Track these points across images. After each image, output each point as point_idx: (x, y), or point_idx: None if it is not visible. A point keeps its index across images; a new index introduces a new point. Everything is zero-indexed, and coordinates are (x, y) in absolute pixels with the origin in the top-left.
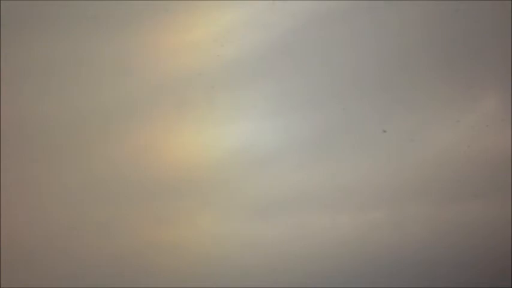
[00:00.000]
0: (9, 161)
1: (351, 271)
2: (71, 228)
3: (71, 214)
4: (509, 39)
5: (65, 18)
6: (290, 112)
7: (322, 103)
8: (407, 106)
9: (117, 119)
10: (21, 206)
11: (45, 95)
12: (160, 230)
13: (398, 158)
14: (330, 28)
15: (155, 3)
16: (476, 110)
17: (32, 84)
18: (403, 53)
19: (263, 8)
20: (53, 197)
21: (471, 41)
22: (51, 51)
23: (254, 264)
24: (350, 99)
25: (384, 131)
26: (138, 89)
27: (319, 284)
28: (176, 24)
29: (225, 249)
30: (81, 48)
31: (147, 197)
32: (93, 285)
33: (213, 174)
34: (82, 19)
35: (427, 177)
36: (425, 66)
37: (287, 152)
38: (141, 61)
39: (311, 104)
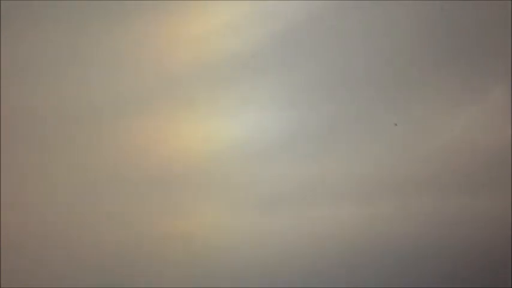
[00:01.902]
0: (8, 156)
1: (358, 261)
2: (76, 221)
3: (75, 208)
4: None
5: (65, 11)
6: (295, 104)
7: (326, 96)
8: (416, 99)
9: (122, 112)
10: (19, 202)
11: (46, 89)
12: (164, 222)
13: (405, 151)
14: (338, 20)
15: None
16: (484, 103)
17: (30, 79)
18: (413, 49)
19: (269, 2)
20: (56, 192)
21: (477, 37)
22: (51, 45)
23: (258, 255)
24: (355, 93)
25: (395, 125)
26: (140, 81)
27: (324, 274)
28: (179, 18)
29: (229, 240)
30: (82, 41)
31: (151, 189)
32: (99, 278)
33: (218, 167)
34: (82, 12)
35: (434, 169)
36: (434, 61)
37: (291, 144)
38: (144, 54)
39: (315, 96)
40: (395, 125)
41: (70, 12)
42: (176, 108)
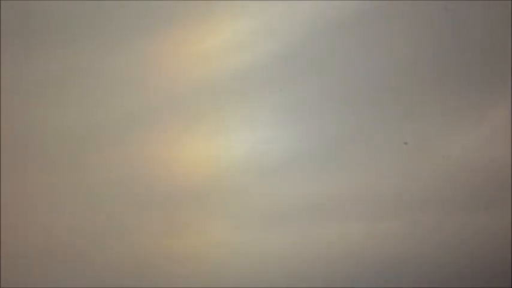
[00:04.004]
0: (24, 170)
1: (363, 280)
2: (81, 240)
3: (80, 224)
4: None
5: (70, 28)
6: (301, 122)
7: (332, 113)
8: (421, 117)
9: (127, 130)
10: (24, 220)
11: (61, 107)
12: (170, 241)
13: (411, 169)
14: (343, 37)
15: (166, 14)
16: (493, 119)
17: (33, 97)
18: (418, 64)
19: (273, 18)
20: (67, 207)
21: (485, 51)
22: (57, 62)
23: (264, 274)
24: (360, 109)
25: (405, 143)
26: (147, 99)
27: None
28: (187, 35)
29: (235, 259)
30: (87, 58)
31: (157, 207)
32: None
33: (224, 184)
34: (87, 29)
35: (440, 187)
36: (439, 79)
37: (297, 161)
38: (150, 72)
39: (321, 114)
40: (406, 143)
41: (75, 29)
42: (181, 126)
